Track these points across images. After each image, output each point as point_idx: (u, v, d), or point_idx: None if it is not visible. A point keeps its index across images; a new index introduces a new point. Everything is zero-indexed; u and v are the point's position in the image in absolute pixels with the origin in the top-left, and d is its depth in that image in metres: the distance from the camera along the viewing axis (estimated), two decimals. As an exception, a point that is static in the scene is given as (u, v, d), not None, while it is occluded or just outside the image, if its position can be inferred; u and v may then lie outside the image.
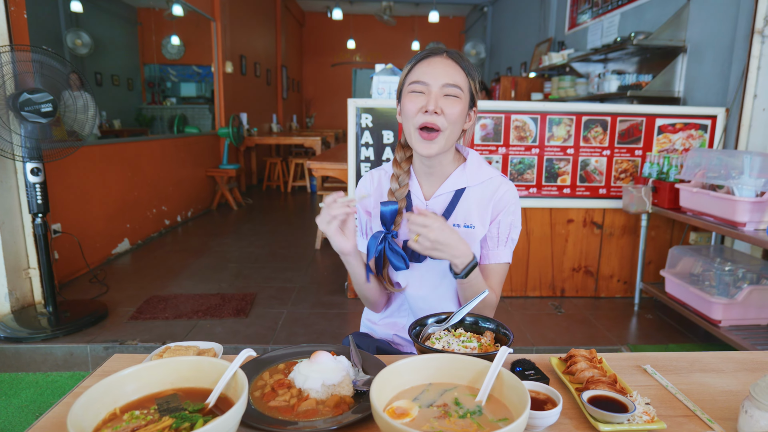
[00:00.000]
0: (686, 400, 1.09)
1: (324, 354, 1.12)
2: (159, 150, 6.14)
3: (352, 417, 0.99)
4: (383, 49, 14.54)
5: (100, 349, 3.15)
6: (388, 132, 3.69)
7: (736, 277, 3.17)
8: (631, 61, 5.27)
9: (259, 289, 4.19)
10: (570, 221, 3.95)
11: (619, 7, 5.52)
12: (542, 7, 7.92)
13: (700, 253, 3.48)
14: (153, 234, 5.89)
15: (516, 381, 0.91)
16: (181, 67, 11.75)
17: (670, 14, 4.44)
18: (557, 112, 3.76)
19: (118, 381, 0.92)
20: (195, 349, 1.20)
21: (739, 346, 2.85)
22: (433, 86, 1.35)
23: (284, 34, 12.19)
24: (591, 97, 5.39)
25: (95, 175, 4.75)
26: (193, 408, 0.91)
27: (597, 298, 4.12)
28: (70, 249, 4.21)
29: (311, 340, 3.32)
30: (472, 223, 1.46)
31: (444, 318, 1.27)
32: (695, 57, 4.20)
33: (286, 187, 9.52)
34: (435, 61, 1.37)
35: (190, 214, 6.96)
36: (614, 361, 1.26)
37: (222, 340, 3.25)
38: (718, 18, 3.94)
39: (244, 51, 9.14)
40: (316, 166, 4.17)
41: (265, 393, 1.07)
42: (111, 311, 3.65)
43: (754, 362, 1.29)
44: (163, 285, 4.24)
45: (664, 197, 3.52)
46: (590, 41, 6.16)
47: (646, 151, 3.85)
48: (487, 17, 11.72)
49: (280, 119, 11.82)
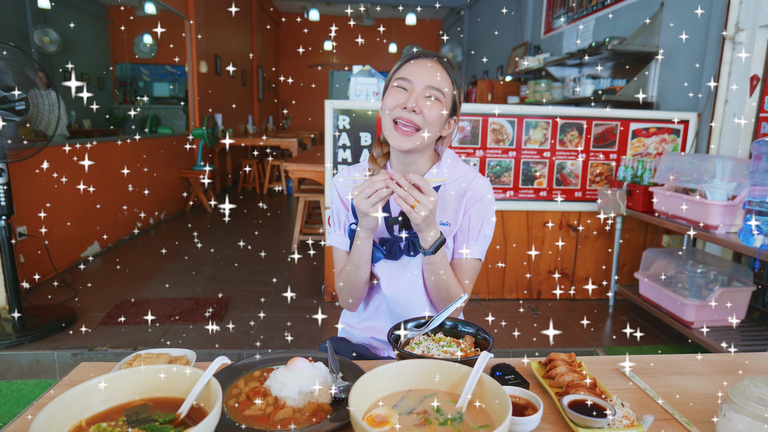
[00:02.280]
0: (665, 404, 1.09)
1: (301, 360, 1.09)
2: (131, 151, 6.00)
3: (330, 425, 0.96)
4: (360, 50, 14.52)
5: (68, 355, 3.06)
6: (365, 134, 3.67)
7: (708, 279, 3.22)
8: (605, 65, 5.34)
9: (234, 292, 4.13)
10: (546, 224, 3.98)
11: (594, 12, 5.58)
12: (518, 12, 7.98)
13: (673, 255, 3.53)
14: (124, 237, 5.77)
15: (497, 387, 0.90)
16: (154, 67, 11.52)
17: (643, 20, 4.49)
18: (534, 116, 3.79)
19: (84, 391, 0.88)
20: (167, 356, 1.16)
21: (711, 347, 2.90)
22: (417, 85, 1.36)
23: (260, 35, 12.09)
24: (566, 101, 5.44)
25: (63, 177, 4.60)
26: (164, 419, 0.87)
27: (573, 300, 4.15)
28: (36, 252, 4.09)
29: (287, 344, 3.27)
30: (447, 220, 1.48)
31: (423, 322, 1.25)
32: (668, 62, 4.27)
33: (262, 189, 9.45)
34: (423, 63, 1.39)
35: (164, 216, 6.84)
36: (593, 365, 1.26)
37: (196, 345, 3.20)
38: (690, 24, 4.00)
39: (219, 51, 9.03)
40: (293, 168, 4.12)
41: (240, 401, 1.04)
42: (80, 316, 3.55)
43: (730, 365, 1.29)
44: (135, 289, 4.15)
45: (638, 200, 3.56)
46: (566, 46, 6.22)
47: (620, 154, 3.89)
48: (464, 21, 11.77)
49: (255, 120, 11.71)
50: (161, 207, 6.79)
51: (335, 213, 1.58)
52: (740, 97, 3.48)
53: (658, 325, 3.69)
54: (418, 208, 1.23)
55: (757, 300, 3.37)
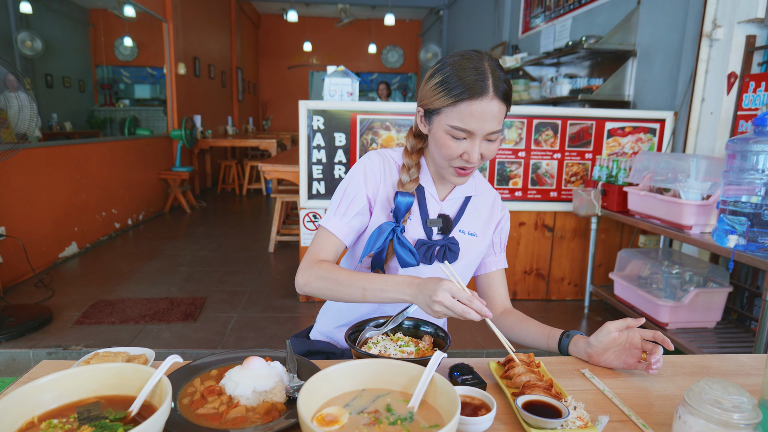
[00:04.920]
0: (622, 405, 1.08)
1: (257, 360, 1.09)
2: (109, 152, 5.99)
3: (282, 423, 0.96)
4: (340, 51, 14.51)
5: (43, 354, 3.10)
6: (339, 134, 3.66)
7: (683, 280, 3.20)
8: (583, 65, 5.35)
9: (210, 293, 4.11)
10: (522, 224, 3.99)
11: (571, 11, 5.59)
12: (496, 11, 7.99)
13: (648, 255, 3.53)
14: (102, 237, 5.74)
15: (448, 386, 0.89)
16: (134, 69, 11.55)
17: (620, 18, 4.50)
18: (509, 115, 3.79)
19: (36, 389, 0.89)
20: (125, 355, 1.15)
21: (686, 349, 2.88)
22: (478, 134, 1.25)
23: (239, 36, 12.06)
24: (544, 101, 5.45)
25: (41, 178, 4.63)
26: (115, 416, 0.88)
27: (548, 300, 4.16)
28: (14, 253, 4.10)
29: (261, 344, 3.26)
30: (475, 231, 1.47)
31: (383, 322, 1.25)
32: (645, 61, 4.26)
33: (241, 190, 9.41)
34: (483, 106, 1.22)
35: (142, 217, 6.80)
36: (553, 365, 1.25)
37: (169, 345, 3.19)
38: (667, 22, 4.00)
39: (197, 52, 9.01)
40: (269, 169, 4.10)
41: (194, 400, 1.03)
42: (56, 316, 3.57)
43: (692, 366, 1.29)
44: (111, 289, 4.13)
45: (613, 200, 3.56)
46: (543, 45, 6.23)
47: (596, 154, 3.90)
48: (442, 21, 11.79)
49: (235, 121, 11.67)
50: (140, 208, 6.75)
51: (349, 197, 1.39)
52: (717, 95, 3.45)
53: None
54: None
55: (734, 301, 3.37)
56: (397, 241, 1.33)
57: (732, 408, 0.85)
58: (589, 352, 1.25)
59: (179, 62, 7.97)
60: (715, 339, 3.04)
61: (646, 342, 1.21)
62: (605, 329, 1.21)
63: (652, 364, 1.17)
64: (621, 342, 1.22)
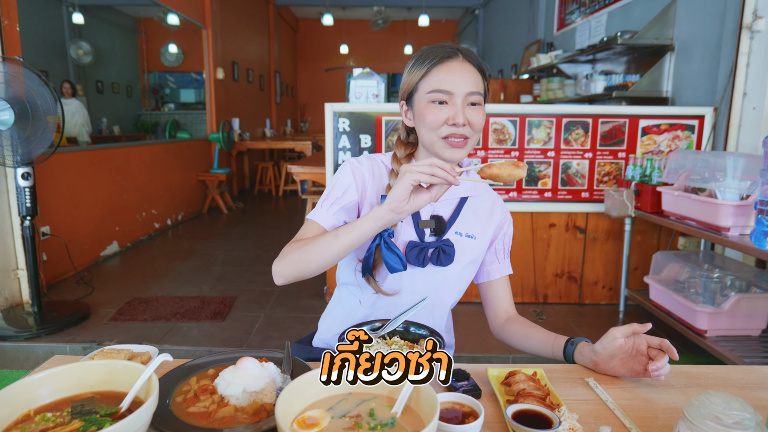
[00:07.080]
0: (623, 417, 1.03)
1: (249, 360, 1.09)
2: (149, 155, 6.19)
3: (270, 424, 0.96)
4: (376, 53, 14.58)
5: (78, 349, 3.20)
6: (365, 136, 3.66)
7: (724, 285, 3.01)
8: (619, 61, 5.20)
9: (240, 292, 4.17)
10: (552, 225, 3.90)
11: (607, 6, 5.45)
12: (531, 8, 7.88)
13: (686, 259, 3.36)
14: (142, 237, 5.91)
15: (430, 392, 0.87)
16: (179, 74, 11.96)
17: (656, 12, 4.35)
18: (536, 115, 3.71)
19: (31, 384, 0.92)
20: (128, 352, 1.18)
21: (727, 359, 2.71)
22: (457, 96, 1.26)
23: (277, 41, 12.27)
24: (579, 99, 5.31)
25: (84, 180, 4.82)
26: (106, 411, 0.90)
27: (581, 304, 4.04)
28: (58, 251, 4.27)
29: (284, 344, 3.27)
30: (473, 233, 1.43)
31: (380, 326, 1.23)
32: (683, 55, 4.11)
33: (278, 191, 9.53)
34: (454, 67, 1.27)
35: (181, 218, 6.97)
36: (558, 373, 1.20)
37: (197, 342, 3.26)
38: (705, 14, 3.84)
39: (236, 57, 9.24)
40: (297, 171, 4.15)
41: (187, 398, 1.05)
42: (93, 312, 3.70)
43: (708, 377, 1.21)
44: (147, 287, 4.25)
45: (647, 201, 3.42)
46: (578, 42, 6.10)
47: (629, 153, 3.77)
48: (478, 20, 11.70)
49: (273, 124, 11.85)
50: (179, 208, 6.93)
51: (337, 192, 1.38)
52: (760, 89, 3.29)
53: (673, 333, 3.41)
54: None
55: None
56: (384, 246, 1.29)
57: (733, 424, 0.80)
58: (594, 360, 1.20)
59: (218, 67, 8.19)
60: (759, 348, 2.82)
61: (651, 349, 1.15)
62: (610, 335, 1.16)
63: (651, 372, 1.12)
64: (627, 348, 1.16)
